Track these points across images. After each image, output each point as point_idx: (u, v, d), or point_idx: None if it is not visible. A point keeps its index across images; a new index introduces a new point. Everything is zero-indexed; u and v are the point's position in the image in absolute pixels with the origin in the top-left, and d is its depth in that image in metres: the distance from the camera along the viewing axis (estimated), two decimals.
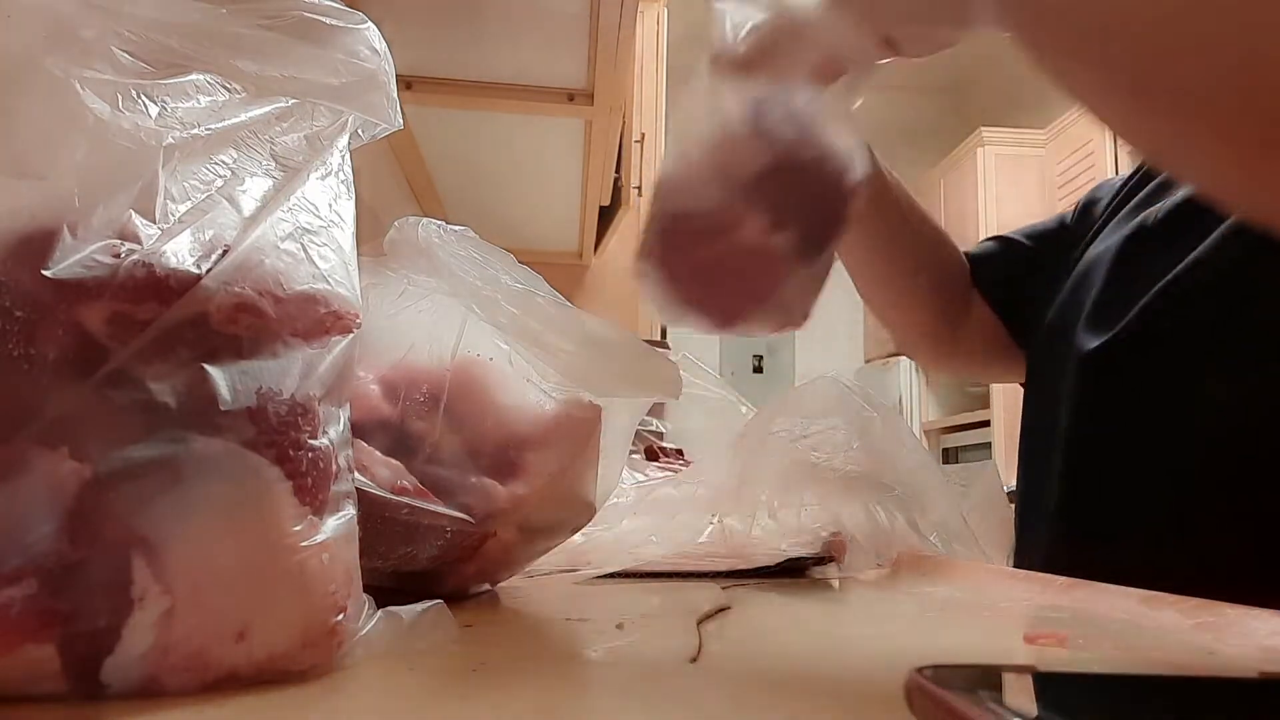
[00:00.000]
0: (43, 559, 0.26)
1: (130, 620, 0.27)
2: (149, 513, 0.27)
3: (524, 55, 1.30)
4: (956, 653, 0.39)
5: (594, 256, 2.50)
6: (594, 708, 0.29)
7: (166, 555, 0.27)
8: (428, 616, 0.35)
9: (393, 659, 0.33)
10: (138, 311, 0.27)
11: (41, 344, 0.26)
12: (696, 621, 0.43)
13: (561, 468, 0.49)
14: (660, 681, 0.32)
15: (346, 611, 0.31)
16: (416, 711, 0.28)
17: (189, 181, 0.30)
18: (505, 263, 0.50)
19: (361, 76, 0.34)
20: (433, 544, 0.46)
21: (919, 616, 0.47)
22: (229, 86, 0.32)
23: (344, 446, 0.33)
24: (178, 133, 0.29)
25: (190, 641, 0.27)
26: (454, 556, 0.47)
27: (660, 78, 2.61)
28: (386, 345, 0.49)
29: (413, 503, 0.44)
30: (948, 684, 0.22)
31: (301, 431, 0.30)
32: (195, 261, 0.28)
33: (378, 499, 0.42)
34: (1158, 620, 0.44)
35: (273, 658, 0.29)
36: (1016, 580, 0.58)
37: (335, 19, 0.34)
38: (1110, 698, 0.25)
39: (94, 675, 0.27)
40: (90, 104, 0.28)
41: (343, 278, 0.33)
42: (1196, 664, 0.36)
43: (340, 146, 0.35)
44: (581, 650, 0.38)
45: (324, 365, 0.31)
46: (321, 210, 0.33)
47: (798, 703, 0.29)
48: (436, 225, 0.50)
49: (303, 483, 0.30)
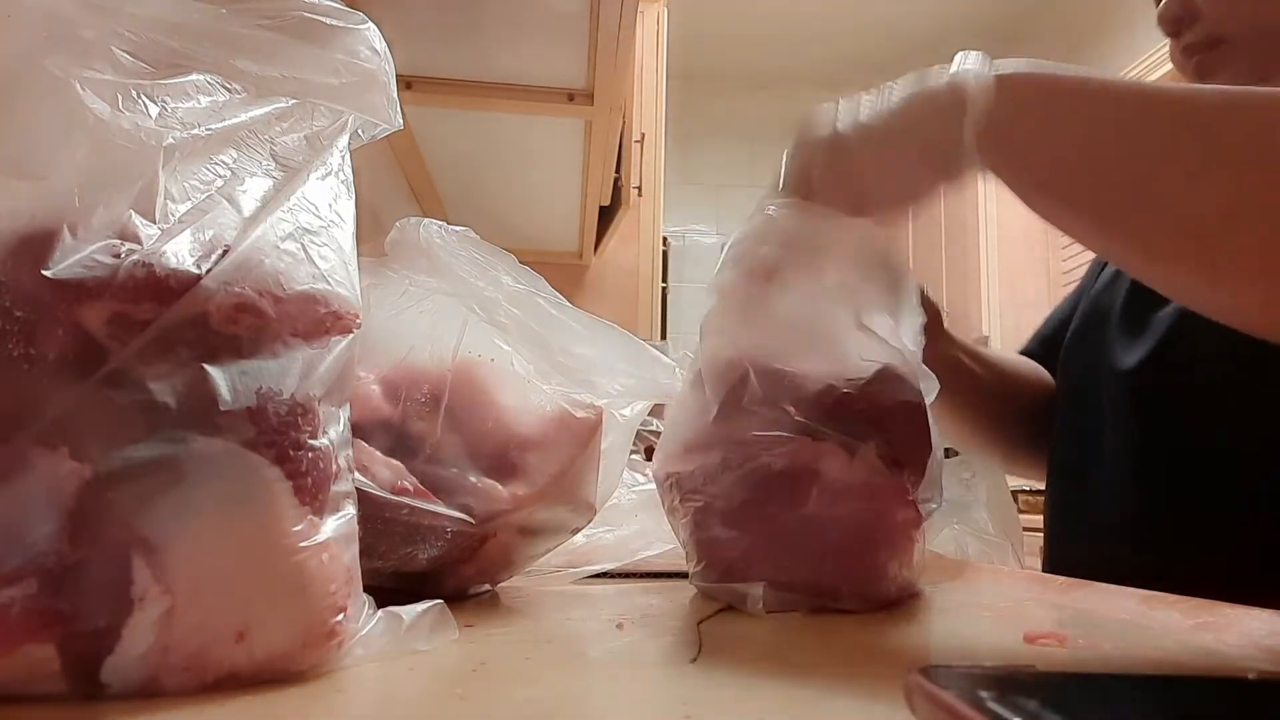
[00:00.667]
0: (43, 559, 0.26)
1: (130, 620, 0.27)
2: (149, 513, 0.27)
3: (524, 55, 1.30)
4: (956, 653, 0.39)
5: (594, 256, 2.50)
6: (594, 708, 0.29)
7: (167, 555, 0.27)
8: (428, 616, 0.35)
9: (393, 659, 0.33)
10: (138, 311, 0.27)
11: (41, 344, 0.26)
12: (697, 621, 0.43)
13: (562, 469, 0.49)
14: (660, 681, 0.32)
15: (346, 612, 0.31)
16: (416, 711, 0.28)
17: (189, 181, 0.30)
18: (506, 264, 0.50)
19: (361, 76, 0.34)
20: (433, 544, 0.46)
21: (919, 616, 0.47)
22: (229, 87, 0.31)
23: (344, 446, 0.33)
24: (178, 133, 0.29)
25: (190, 641, 0.27)
26: (454, 557, 0.47)
27: (660, 78, 2.60)
28: (388, 346, 0.49)
29: (413, 503, 0.44)
30: (948, 684, 0.22)
31: (301, 431, 0.30)
32: (195, 261, 0.28)
33: (378, 499, 0.42)
34: (1158, 620, 0.44)
35: (273, 658, 0.29)
36: (1016, 580, 0.58)
37: (335, 19, 0.34)
38: (1110, 698, 0.25)
39: (94, 675, 0.27)
40: (90, 104, 0.28)
41: (343, 278, 0.33)
42: (1196, 664, 0.36)
43: (340, 146, 0.35)
44: (581, 650, 0.38)
45: (324, 365, 0.31)
46: (321, 210, 0.33)
47: (798, 703, 0.29)
48: (438, 226, 0.50)
49: (303, 483, 0.30)
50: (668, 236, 3.41)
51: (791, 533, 0.47)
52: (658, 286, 2.63)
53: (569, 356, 0.50)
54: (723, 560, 0.48)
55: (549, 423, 0.50)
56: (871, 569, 0.47)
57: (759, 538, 0.47)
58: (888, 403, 0.48)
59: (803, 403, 0.47)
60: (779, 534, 0.47)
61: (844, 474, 0.46)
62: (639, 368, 0.51)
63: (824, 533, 0.46)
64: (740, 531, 0.48)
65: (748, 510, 0.47)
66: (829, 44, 4.39)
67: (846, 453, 0.46)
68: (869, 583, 0.47)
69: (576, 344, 0.50)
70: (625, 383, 0.51)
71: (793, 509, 0.46)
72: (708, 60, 4.44)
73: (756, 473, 0.47)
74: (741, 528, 0.48)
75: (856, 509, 0.46)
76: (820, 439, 0.46)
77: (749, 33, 4.30)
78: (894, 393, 0.48)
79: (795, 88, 4.70)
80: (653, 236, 2.59)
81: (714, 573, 0.49)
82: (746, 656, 0.37)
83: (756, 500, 0.47)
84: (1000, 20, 4.19)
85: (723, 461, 0.48)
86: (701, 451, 0.49)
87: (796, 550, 0.46)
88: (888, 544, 0.47)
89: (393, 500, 0.43)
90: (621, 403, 0.53)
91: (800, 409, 0.47)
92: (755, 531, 0.47)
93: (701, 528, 0.49)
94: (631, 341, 0.52)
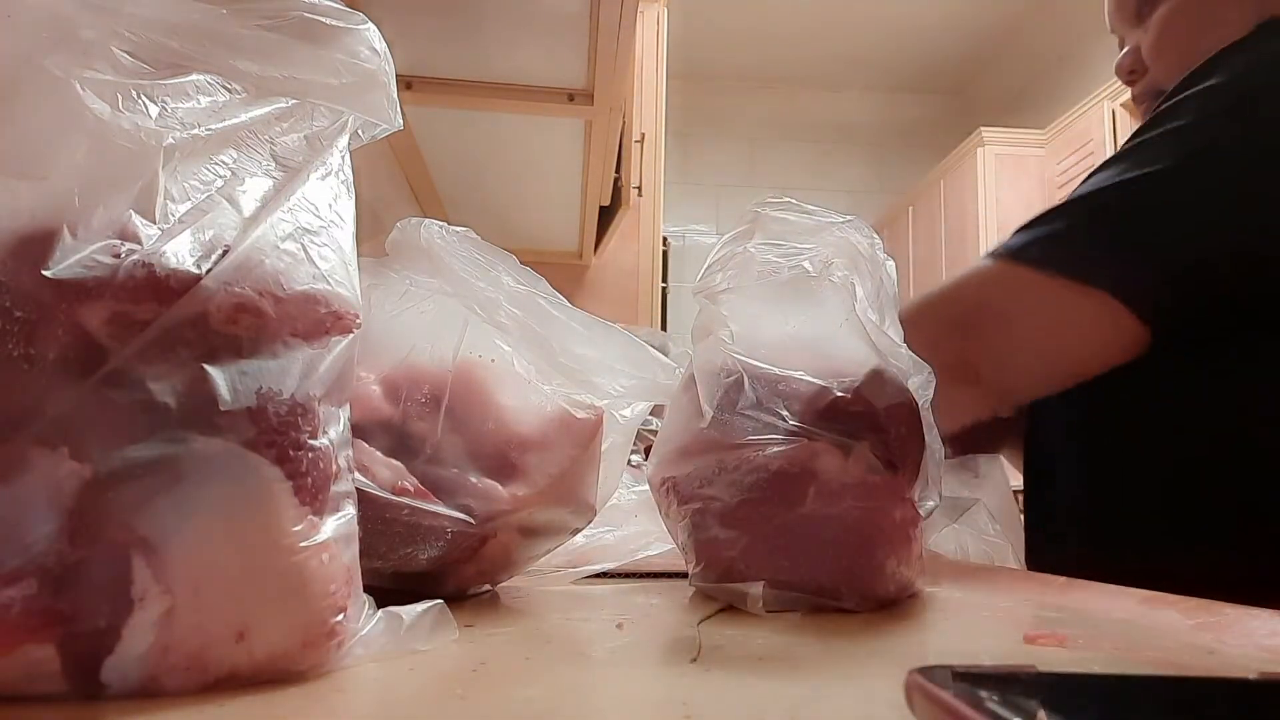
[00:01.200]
0: (42, 559, 0.26)
1: (130, 620, 0.27)
2: (149, 513, 0.27)
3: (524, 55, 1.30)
4: (956, 653, 0.39)
5: (594, 256, 2.50)
6: (594, 708, 0.29)
7: (166, 555, 0.27)
8: (428, 616, 0.35)
9: (393, 659, 0.33)
10: (137, 311, 0.27)
11: (41, 344, 0.26)
12: (697, 622, 0.43)
13: (562, 469, 0.49)
14: (660, 681, 0.32)
15: (347, 612, 0.31)
16: (416, 711, 0.28)
17: (189, 182, 0.29)
18: (507, 264, 0.50)
19: (361, 76, 0.34)
20: (433, 545, 0.45)
21: (919, 616, 0.47)
22: (229, 87, 0.31)
23: (344, 447, 0.33)
24: (178, 133, 0.29)
25: (190, 641, 0.27)
26: (455, 557, 0.47)
27: (660, 78, 2.60)
28: (388, 345, 0.49)
29: (413, 503, 0.44)
30: (948, 684, 0.22)
31: (302, 432, 0.30)
32: (195, 262, 0.28)
33: (379, 500, 0.42)
34: (1158, 620, 0.44)
35: (273, 658, 0.29)
36: (1016, 580, 0.58)
37: (335, 19, 0.33)
38: (1110, 698, 0.25)
39: (94, 675, 0.27)
40: (90, 104, 0.28)
41: (343, 278, 0.33)
42: (1196, 664, 0.36)
43: (340, 147, 0.35)
44: (581, 650, 0.38)
45: (324, 365, 0.31)
46: (322, 210, 0.33)
47: (798, 703, 0.29)
48: (439, 226, 0.50)
49: (303, 483, 0.30)
50: (668, 236, 3.41)
51: (789, 533, 0.47)
52: (658, 286, 2.63)
53: (569, 357, 0.50)
54: (722, 560, 0.48)
55: (550, 423, 0.50)
56: (869, 567, 0.47)
57: (757, 537, 0.47)
58: (881, 404, 0.48)
59: (797, 406, 0.47)
60: (776, 534, 0.47)
61: (840, 473, 0.46)
62: (639, 368, 0.51)
63: (821, 532, 0.46)
64: (739, 531, 0.48)
65: (746, 510, 0.47)
66: (829, 44, 4.39)
67: (842, 452, 0.46)
68: (867, 581, 0.47)
69: (577, 344, 0.50)
70: (626, 383, 0.51)
71: (789, 509, 0.46)
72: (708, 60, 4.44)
73: (752, 474, 0.47)
74: (740, 528, 0.48)
75: (853, 508, 0.46)
76: (815, 440, 0.46)
77: (749, 33, 4.30)
78: (887, 394, 0.48)
79: (795, 88, 4.71)
80: (653, 236, 2.59)
81: (713, 573, 0.49)
82: (746, 656, 0.37)
83: (753, 501, 0.47)
84: (999, 20, 4.19)
85: (718, 464, 0.48)
86: (697, 455, 0.49)
87: (794, 550, 0.47)
88: (885, 542, 0.47)
89: (393, 501, 0.43)
90: (622, 403, 0.53)
91: (794, 413, 0.47)
92: (753, 531, 0.47)
93: (700, 529, 0.50)
94: (632, 342, 0.52)
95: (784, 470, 0.46)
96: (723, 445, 0.48)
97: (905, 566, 0.48)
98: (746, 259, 0.51)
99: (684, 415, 0.51)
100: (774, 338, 0.50)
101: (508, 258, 0.50)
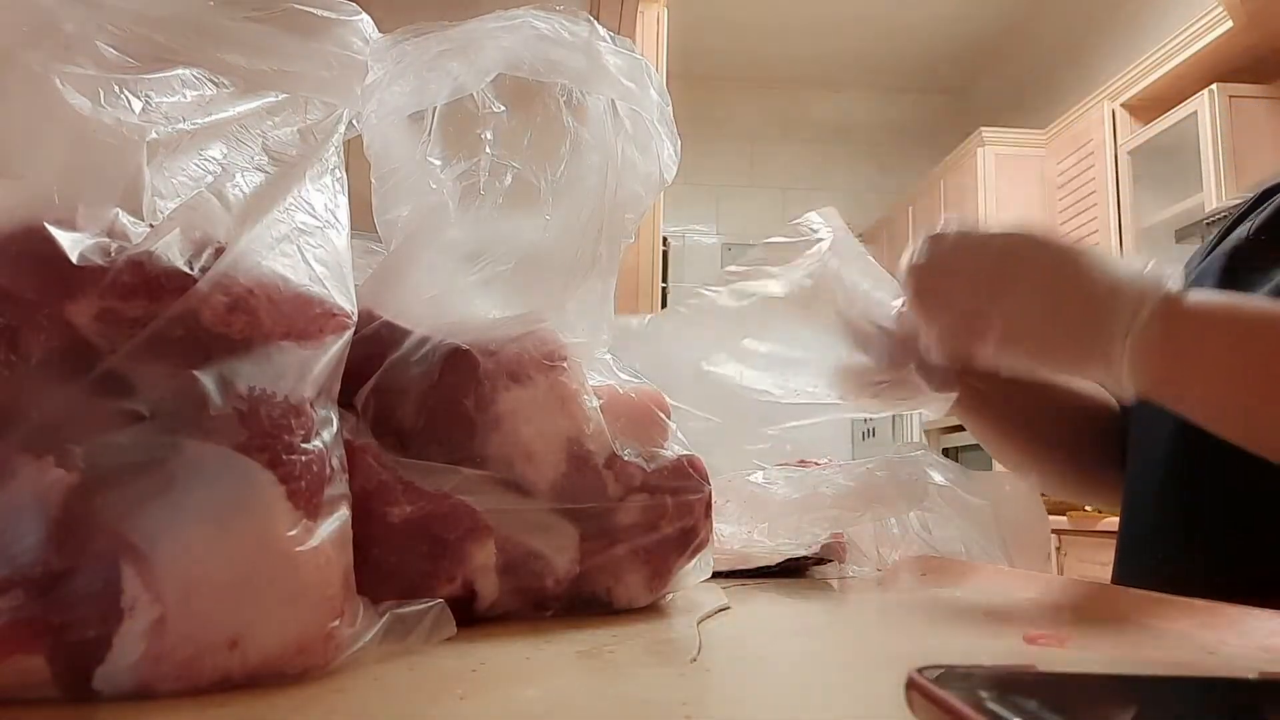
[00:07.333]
0: (29, 570, 0.25)
1: (120, 630, 0.26)
2: (138, 520, 0.26)
3: None
4: (956, 653, 0.39)
5: None
6: (594, 708, 0.29)
7: (156, 563, 0.26)
8: (428, 616, 0.34)
9: (393, 659, 0.33)
10: (127, 308, 0.27)
11: (24, 345, 0.26)
12: (696, 621, 0.43)
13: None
14: (660, 681, 0.32)
15: (343, 615, 0.31)
16: (416, 711, 0.28)
17: (177, 178, 0.29)
18: None
19: (355, 68, 0.34)
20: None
21: (919, 616, 0.47)
22: (217, 80, 0.31)
23: (337, 448, 0.32)
24: (162, 128, 0.29)
25: (181, 650, 0.27)
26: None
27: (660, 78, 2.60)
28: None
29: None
30: (948, 684, 0.22)
31: (294, 434, 0.30)
32: (186, 260, 0.28)
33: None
34: (1158, 620, 0.44)
35: (267, 663, 0.29)
36: (1016, 580, 0.58)
37: (326, 9, 0.33)
38: (1110, 698, 0.25)
39: (85, 684, 0.26)
40: (70, 99, 0.27)
41: (337, 279, 0.33)
42: (1196, 664, 0.35)
43: (335, 142, 0.34)
44: (582, 650, 0.38)
45: (317, 367, 0.31)
46: (317, 210, 0.33)
47: (798, 703, 0.29)
48: None
49: (296, 487, 0.29)
50: (668, 236, 3.41)
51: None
52: (658, 286, 2.63)
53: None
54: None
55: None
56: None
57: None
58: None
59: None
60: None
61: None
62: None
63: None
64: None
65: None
66: (829, 44, 4.39)
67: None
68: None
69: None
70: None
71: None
72: (708, 60, 4.44)
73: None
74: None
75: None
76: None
77: (749, 33, 4.30)
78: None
79: (795, 88, 4.71)
80: (653, 236, 2.59)
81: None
82: (746, 656, 0.37)
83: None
84: (999, 20, 4.19)
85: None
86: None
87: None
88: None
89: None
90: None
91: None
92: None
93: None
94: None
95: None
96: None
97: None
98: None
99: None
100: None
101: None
